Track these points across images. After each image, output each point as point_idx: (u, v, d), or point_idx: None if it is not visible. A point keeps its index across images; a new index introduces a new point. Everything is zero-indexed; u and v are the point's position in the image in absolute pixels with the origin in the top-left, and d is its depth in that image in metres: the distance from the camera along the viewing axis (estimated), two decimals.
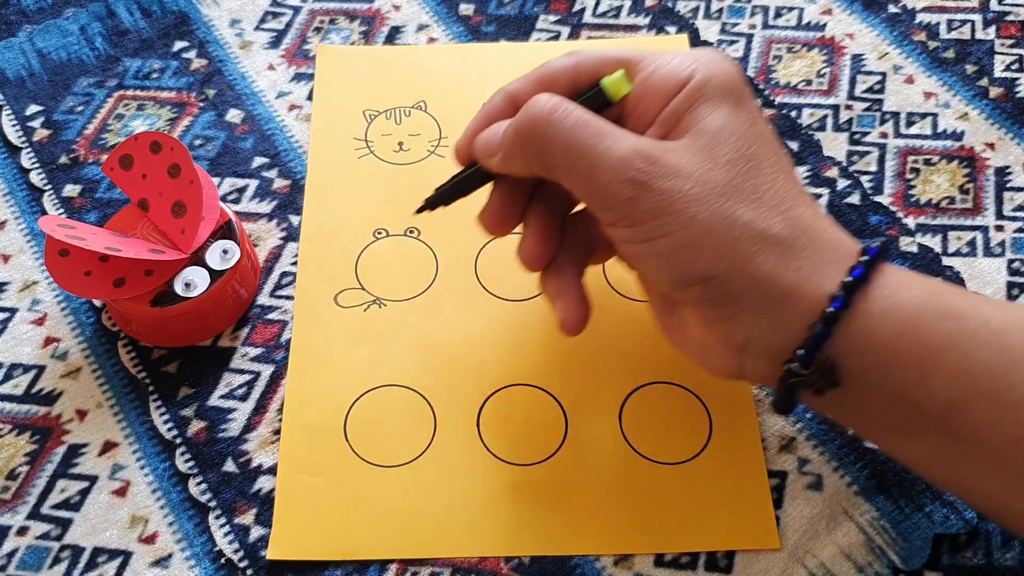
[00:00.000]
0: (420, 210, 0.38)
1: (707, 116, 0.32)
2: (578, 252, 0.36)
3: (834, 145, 0.47)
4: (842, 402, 0.32)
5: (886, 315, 0.30)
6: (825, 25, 0.51)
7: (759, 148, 0.32)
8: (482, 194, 0.36)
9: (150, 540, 0.36)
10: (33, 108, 0.49)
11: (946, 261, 0.43)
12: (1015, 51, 0.50)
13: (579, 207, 0.37)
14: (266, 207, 0.45)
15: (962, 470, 0.31)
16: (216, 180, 0.46)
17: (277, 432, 0.39)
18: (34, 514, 0.37)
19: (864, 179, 0.45)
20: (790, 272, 0.31)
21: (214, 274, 0.40)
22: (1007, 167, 0.46)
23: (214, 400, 0.40)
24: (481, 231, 0.36)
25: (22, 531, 0.37)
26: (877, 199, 0.45)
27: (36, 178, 0.46)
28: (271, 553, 0.36)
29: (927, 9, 0.52)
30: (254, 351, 0.41)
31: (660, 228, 0.31)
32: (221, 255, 0.40)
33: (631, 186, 0.31)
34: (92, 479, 0.38)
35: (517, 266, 0.36)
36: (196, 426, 0.39)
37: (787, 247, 0.31)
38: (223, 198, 0.45)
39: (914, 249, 0.43)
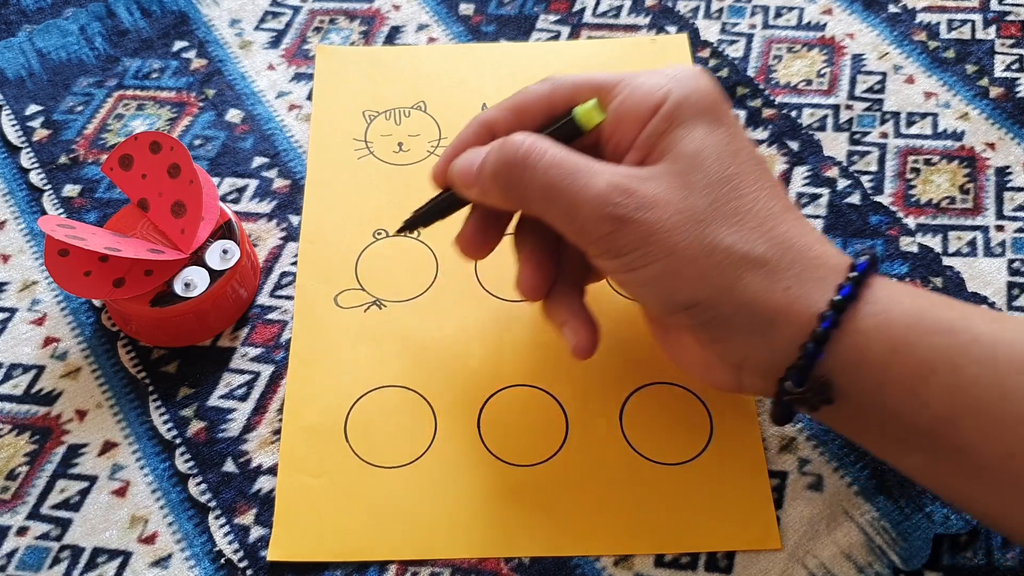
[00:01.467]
0: (400, 231, 0.39)
1: (683, 139, 0.32)
2: (576, 274, 0.36)
3: (834, 145, 0.47)
4: (837, 415, 0.33)
5: (878, 331, 0.31)
6: (825, 25, 0.51)
7: (738, 167, 0.32)
8: None
9: (150, 540, 0.36)
10: (33, 108, 0.48)
11: (946, 261, 0.43)
12: (1015, 51, 0.50)
13: None
14: (266, 207, 0.45)
15: (954, 482, 0.32)
16: (216, 180, 0.46)
17: (277, 432, 0.39)
18: (34, 514, 0.37)
19: (864, 179, 0.45)
20: (777, 293, 0.31)
21: (214, 274, 0.40)
22: (1007, 167, 0.46)
23: (214, 400, 0.40)
24: (458, 254, 0.37)
25: (22, 531, 0.37)
26: (877, 199, 0.45)
27: (36, 178, 0.46)
28: (271, 554, 0.36)
29: (927, 9, 0.52)
30: (254, 351, 0.41)
31: (643, 258, 0.31)
32: (221, 255, 0.40)
33: (610, 221, 0.31)
34: (92, 479, 0.38)
35: (517, 266, 0.36)
36: (196, 426, 0.39)
37: (772, 268, 0.31)
38: (223, 198, 0.45)
39: (914, 249, 0.43)
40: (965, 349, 0.30)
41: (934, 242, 0.43)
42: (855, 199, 0.45)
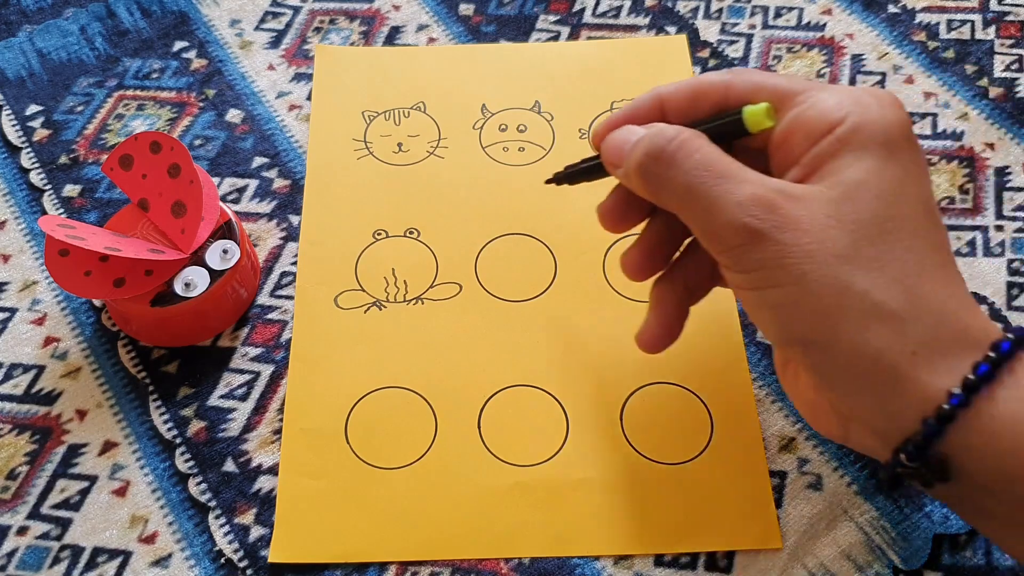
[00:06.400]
0: (548, 181, 0.38)
1: (848, 167, 0.30)
2: (693, 273, 0.35)
3: None
4: (951, 492, 0.30)
5: (1015, 419, 0.27)
6: (825, 25, 0.51)
7: (898, 211, 0.29)
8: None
9: (150, 540, 0.36)
10: (33, 108, 0.48)
11: None
12: (1015, 51, 0.50)
13: None
14: (266, 207, 0.45)
15: None
16: (216, 180, 0.46)
17: (277, 432, 0.39)
18: (34, 514, 0.37)
19: None
20: (904, 355, 0.28)
21: (214, 274, 0.40)
22: (1007, 167, 0.46)
23: (214, 400, 0.40)
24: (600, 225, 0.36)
25: (22, 531, 0.37)
26: None
27: (36, 178, 0.46)
28: (272, 556, 0.36)
29: (927, 9, 0.52)
30: (254, 351, 0.41)
31: (769, 279, 0.29)
32: (221, 255, 0.40)
33: (746, 233, 0.29)
34: (92, 479, 0.38)
35: (517, 267, 0.36)
36: (196, 426, 0.39)
37: (903, 327, 0.28)
38: (223, 198, 0.45)
39: None
40: None
41: None
42: None
